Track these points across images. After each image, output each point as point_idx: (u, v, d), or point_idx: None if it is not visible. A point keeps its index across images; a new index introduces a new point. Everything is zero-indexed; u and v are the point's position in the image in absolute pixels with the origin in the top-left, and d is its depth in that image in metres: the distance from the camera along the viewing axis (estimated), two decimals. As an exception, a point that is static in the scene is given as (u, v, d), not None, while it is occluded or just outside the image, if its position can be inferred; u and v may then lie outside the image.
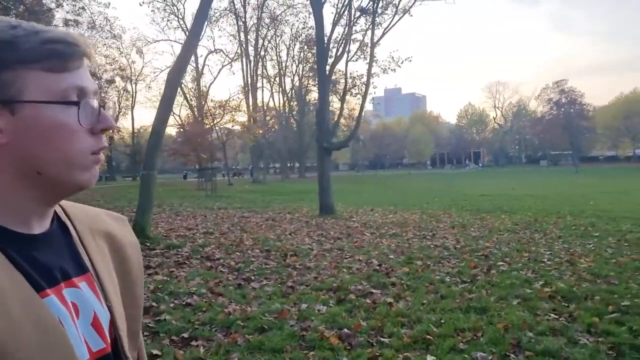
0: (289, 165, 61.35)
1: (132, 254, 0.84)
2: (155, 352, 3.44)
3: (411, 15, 14.55)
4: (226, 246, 7.86)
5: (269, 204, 17.15)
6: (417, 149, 77.36)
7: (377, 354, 3.36)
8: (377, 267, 6.08)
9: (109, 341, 0.71)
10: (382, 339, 3.63)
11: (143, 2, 41.80)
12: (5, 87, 0.59)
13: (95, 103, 0.66)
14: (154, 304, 4.60)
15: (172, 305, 4.60)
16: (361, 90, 16.03)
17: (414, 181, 38.69)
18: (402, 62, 17.29)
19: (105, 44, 38.60)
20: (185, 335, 3.79)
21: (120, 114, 51.89)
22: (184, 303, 4.65)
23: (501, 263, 6.21)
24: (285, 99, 51.53)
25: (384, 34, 14.04)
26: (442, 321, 3.95)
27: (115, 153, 57.21)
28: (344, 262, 6.47)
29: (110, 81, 41.96)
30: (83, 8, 21.54)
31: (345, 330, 3.80)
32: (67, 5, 21.85)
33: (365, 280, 5.41)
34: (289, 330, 3.81)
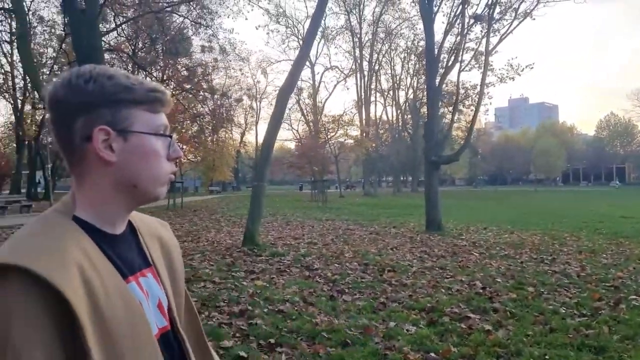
0: (402, 178, 60.48)
1: (176, 254, 1.03)
2: (242, 354, 3.56)
3: (533, 19, 13.42)
4: (326, 257, 7.94)
5: (376, 217, 17.02)
6: (546, 163, 69.09)
7: (464, 384, 3.08)
8: (480, 290, 5.62)
9: (169, 322, 0.91)
10: (472, 369, 3.32)
11: (258, 27, 44.68)
12: (123, 120, 0.80)
13: (173, 137, 0.87)
14: (250, 307, 4.80)
15: (265, 310, 4.75)
16: (474, 101, 15.10)
17: (540, 199, 35.38)
18: (522, 70, 15.91)
19: (232, 67, 42.07)
20: (272, 340, 3.87)
21: (246, 129, 56.17)
22: (276, 309, 4.77)
23: (634, 297, 5.30)
24: (398, 112, 51.16)
25: (500, 40, 13.13)
26: (547, 357, 3.49)
27: (241, 165, 62.13)
28: (443, 282, 6.10)
29: (238, 100, 45.46)
30: (213, 35, 23.65)
31: (432, 354, 3.55)
32: (202, 33, 24.22)
33: (463, 303, 5.03)
34: (372, 348, 3.68)
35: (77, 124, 0.78)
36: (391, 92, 50.66)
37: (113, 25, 20.36)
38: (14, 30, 21.91)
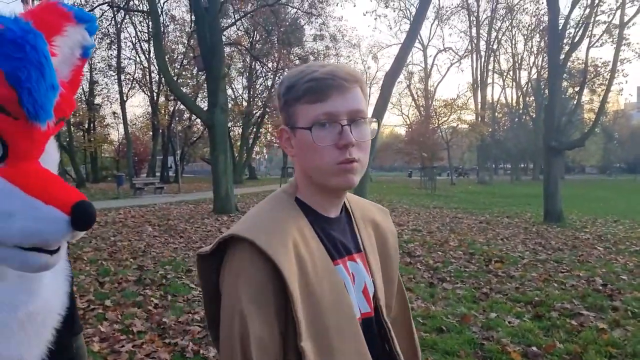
0: (521, 166, 56.23)
1: (392, 241, 1.06)
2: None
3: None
4: (429, 244, 7.84)
5: (488, 206, 16.18)
6: None
7: (566, 382, 2.92)
8: (600, 287, 5.14)
9: (372, 308, 0.94)
10: (578, 367, 3.12)
11: (366, 13, 44.15)
12: (291, 118, 0.89)
13: (342, 122, 0.84)
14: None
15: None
16: (606, 80, 13.45)
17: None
18: None
19: (342, 54, 42.52)
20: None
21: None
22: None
23: None
24: (519, 94, 47.43)
25: (639, 10, 11.44)
26: (669, 363, 3.15)
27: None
28: (557, 276, 5.69)
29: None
30: (324, 23, 24.19)
31: (534, 348, 3.40)
32: (314, 22, 24.92)
33: (577, 300, 4.67)
34: (468, 336, 3.63)
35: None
36: (511, 73, 47.06)
37: (232, 20, 21.81)
38: (150, 30, 24.53)
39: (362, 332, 0.87)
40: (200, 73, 22.57)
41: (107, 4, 18.22)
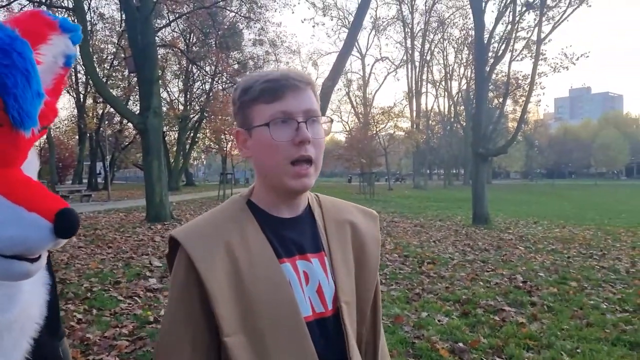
0: (453, 171, 59.05)
1: (372, 247, 1.02)
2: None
3: (589, 5, 12.60)
4: (366, 248, 8.00)
5: (423, 210, 16.82)
6: (607, 157, 65.26)
7: (489, 374, 3.08)
8: (520, 284, 5.50)
9: (331, 308, 0.92)
10: (499, 360, 3.31)
11: (304, 20, 44.83)
12: (247, 119, 0.91)
13: (298, 120, 0.87)
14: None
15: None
16: (526, 92, 14.48)
17: (599, 193, 33.47)
18: (577, 59, 14.92)
19: (282, 60, 42.48)
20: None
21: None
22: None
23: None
24: (451, 103, 49.83)
25: (553, 28, 12.36)
26: (578, 350, 3.41)
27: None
28: (483, 275, 6.02)
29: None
30: (263, 29, 24.10)
31: (460, 344, 3.56)
32: (252, 27, 24.74)
33: (500, 296, 4.96)
34: (400, 336, 3.74)
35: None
36: (443, 83, 49.41)
37: (167, 21, 21.16)
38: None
39: (308, 330, 0.86)
40: (131, 75, 21.64)
41: (28, -1, 17.03)
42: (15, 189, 0.68)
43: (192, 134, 35.03)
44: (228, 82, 26.62)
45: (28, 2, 15.97)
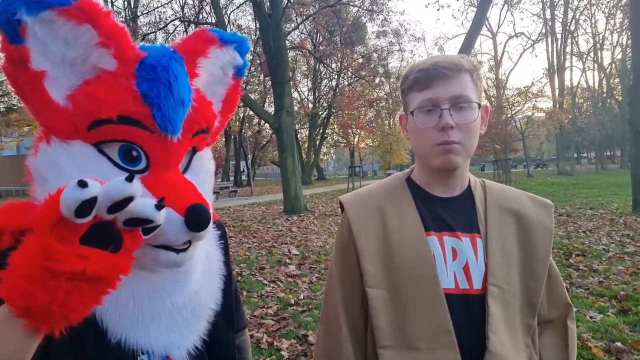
0: (607, 154, 52.03)
1: (540, 237, 1.01)
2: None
3: None
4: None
5: (569, 197, 15.18)
6: None
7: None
8: (698, 281, 4.71)
9: (479, 288, 0.95)
10: (669, 364, 2.91)
11: (428, 4, 43.14)
12: (406, 105, 1.03)
13: (442, 107, 0.94)
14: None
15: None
16: None
17: None
18: None
19: (406, 49, 41.71)
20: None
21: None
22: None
23: None
24: (602, 76, 43.90)
25: None
26: None
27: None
28: (647, 269, 5.28)
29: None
30: (385, 19, 23.97)
31: (618, 343, 3.21)
32: (375, 19, 24.79)
33: (671, 294, 4.32)
34: (544, 331, 3.50)
35: None
36: (592, 54, 43.70)
37: (295, 25, 22.25)
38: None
39: (448, 302, 0.93)
40: (266, 78, 23.29)
41: (178, 19, 19.41)
42: (160, 186, 0.73)
43: (321, 130, 36.44)
44: (353, 77, 27.05)
45: (180, 23, 18.18)
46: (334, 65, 28.50)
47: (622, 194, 14.70)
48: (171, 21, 19.18)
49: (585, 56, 43.12)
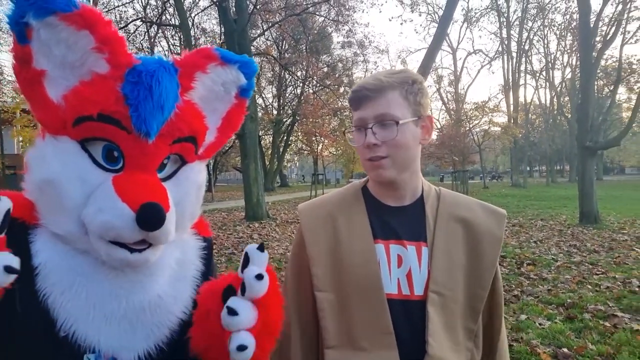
0: (557, 167, 54.62)
1: (488, 245, 1.04)
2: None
3: None
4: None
5: (522, 209, 15.83)
6: None
7: (597, 382, 2.90)
8: (637, 289, 5.00)
9: (420, 294, 0.99)
10: (610, 368, 3.09)
11: (392, 18, 44.06)
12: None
13: (367, 127, 0.99)
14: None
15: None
16: (641, 77, 12.99)
17: None
18: None
19: (370, 60, 42.35)
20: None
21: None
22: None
23: None
24: (553, 94, 46.15)
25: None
26: None
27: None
28: (591, 278, 5.57)
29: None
30: (350, 30, 24.29)
31: (565, 349, 3.38)
32: (341, 29, 25.08)
33: (612, 301, 4.58)
34: (497, 337, 3.63)
35: None
36: (544, 73, 45.89)
37: (261, 31, 22.20)
38: (182, 42, 25.25)
39: (390, 306, 0.98)
40: (230, 83, 23.00)
41: (140, 20, 18.97)
42: (125, 184, 0.74)
43: (285, 137, 36.39)
44: (318, 85, 27.24)
45: (142, 23, 17.76)
46: (299, 73, 28.59)
47: (570, 206, 15.46)
48: (132, 21, 18.67)
49: (538, 74, 45.24)
